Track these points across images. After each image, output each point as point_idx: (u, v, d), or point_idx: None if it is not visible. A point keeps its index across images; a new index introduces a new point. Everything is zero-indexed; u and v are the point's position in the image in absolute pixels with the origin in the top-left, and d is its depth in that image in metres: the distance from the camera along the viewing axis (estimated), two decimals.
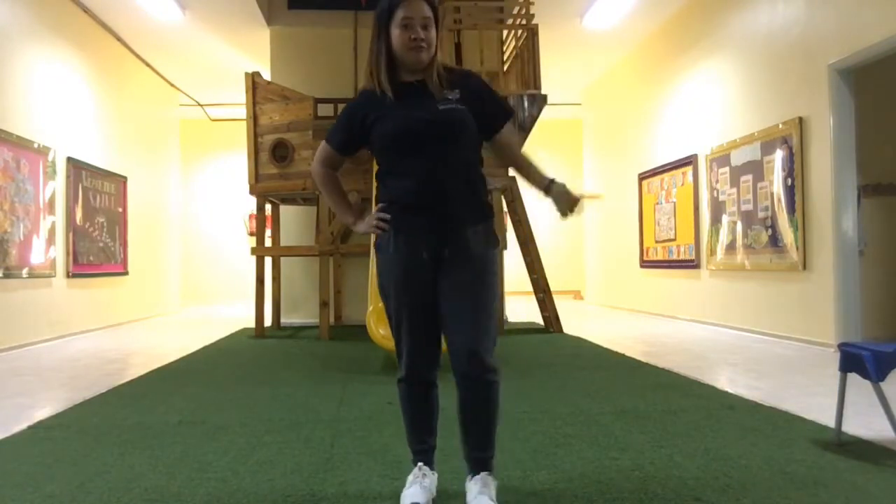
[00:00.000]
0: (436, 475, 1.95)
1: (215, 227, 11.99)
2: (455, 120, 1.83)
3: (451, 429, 1.93)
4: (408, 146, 1.83)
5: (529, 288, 6.56)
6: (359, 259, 7.07)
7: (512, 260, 6.92)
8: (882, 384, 2.28)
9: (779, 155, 5.52)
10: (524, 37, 6.15)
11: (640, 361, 4.46)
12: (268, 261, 6.70)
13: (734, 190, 6.24)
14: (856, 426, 2.59)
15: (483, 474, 1.82)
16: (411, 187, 1.82)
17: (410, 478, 1.91)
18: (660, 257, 8.01)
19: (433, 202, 1.82)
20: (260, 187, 6.33)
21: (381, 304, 4.32)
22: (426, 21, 1.80)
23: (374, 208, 1.92)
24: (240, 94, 6.87)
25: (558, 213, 1.87)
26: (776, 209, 5.57)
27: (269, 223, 6.89)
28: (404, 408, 1.95)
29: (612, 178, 9.63)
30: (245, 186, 6.54)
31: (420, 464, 1.92)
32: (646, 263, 8.41)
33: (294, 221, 7.48)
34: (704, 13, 6.86)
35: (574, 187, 1.88)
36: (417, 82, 1.86)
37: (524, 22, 6.16)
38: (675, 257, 7.61)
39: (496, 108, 1.94)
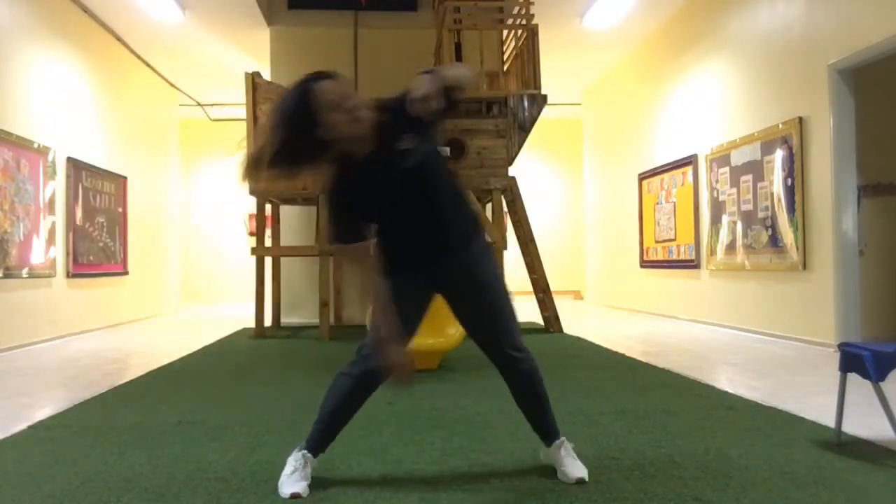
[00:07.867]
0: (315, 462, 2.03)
1: (215, 227, 11.98)
2: (426, 170, 1.88)
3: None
4: (391, 216, 1.92)
5: (529, 288, 6.55)
6: None
7: (512, 260, 6.92)
8: (882, 384, 2.28)
9: (779, 155, 5.52)
10: (524, 37, 6.15)
11: (640, 361, 4.46)
12: (268, 261, 6.69)
13: (734, 190, 6.24)
14: (856, 426, 2.58)
15: None
16: (404, 248, 1.97)
17: (294, 463, 1.98)
18: (660, 257, 8.01)
19: (427, 255, 1.98)
20: (260, 187, 6.31)
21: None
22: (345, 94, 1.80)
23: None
24: (240, 94, 6.85)
25: None
26: (776, 209, 5.56)
27: (269, 223, 6.89)
28: (344, 400, 2.05)
29: (612, 178, 9.63)
30: (245, 186, 6.54)
31: (305, 451, 2.00)
32: (646, 263, 8.41)
33: (294, 221, 7.48)
34: (704, 13, 6.86)
35: None
36: (367, 155, 1.84)
37: (524, 22, 6.16)
38: (675, 257, 7.61)
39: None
